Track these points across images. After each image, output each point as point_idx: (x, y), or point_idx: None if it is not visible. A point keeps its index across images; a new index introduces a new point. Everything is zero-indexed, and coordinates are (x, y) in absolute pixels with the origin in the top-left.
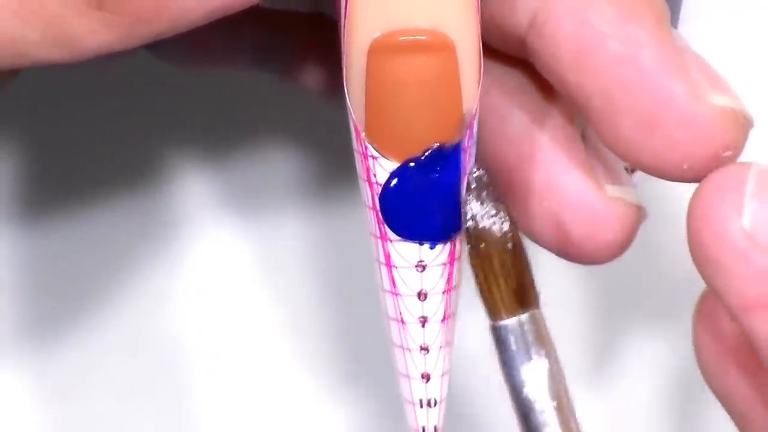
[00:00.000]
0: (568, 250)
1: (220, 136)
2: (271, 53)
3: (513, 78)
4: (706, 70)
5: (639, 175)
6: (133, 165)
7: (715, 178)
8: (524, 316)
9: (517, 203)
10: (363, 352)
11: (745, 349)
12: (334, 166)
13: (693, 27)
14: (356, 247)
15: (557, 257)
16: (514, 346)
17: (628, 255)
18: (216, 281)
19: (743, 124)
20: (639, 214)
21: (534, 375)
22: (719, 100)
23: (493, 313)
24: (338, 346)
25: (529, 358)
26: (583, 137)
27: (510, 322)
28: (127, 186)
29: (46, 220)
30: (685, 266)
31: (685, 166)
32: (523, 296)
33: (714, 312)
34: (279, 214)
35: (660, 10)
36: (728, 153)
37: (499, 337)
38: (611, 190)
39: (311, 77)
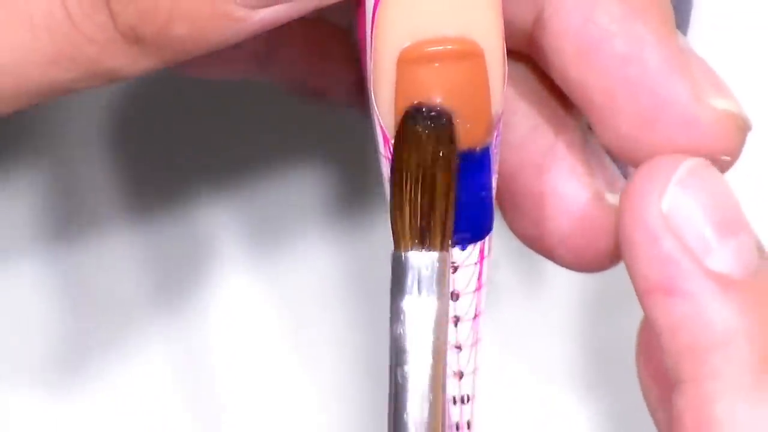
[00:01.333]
0: (565, 258)
1: (244, 162)
2: (271, 60)
3: (515, 83)
4: (709, 73)
5: None
6: (157, 193)
7: (649, 163)
8: (424, 254)
9: (516, 208)
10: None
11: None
12: (354, 189)
13: (703, 33)
14: (378, 270)
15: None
16: (404, 279)
17: None
18: (240, 315)
19: (743, 128)
20: None
21: (413, 313)
22: (721, 104)
23: (395, 239)
24: (358, 367)
25: (413, 294)
26: (585, 145)
27: (406, 254)
28: (150, 215)
29: (71, 246)
30: None
31: None
32: (428, 234)
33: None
34: (302, 238)
35: (666, 10)
36: (726, 158)
37: (393, 266)
38: (611, 198)
39: (314, 84)
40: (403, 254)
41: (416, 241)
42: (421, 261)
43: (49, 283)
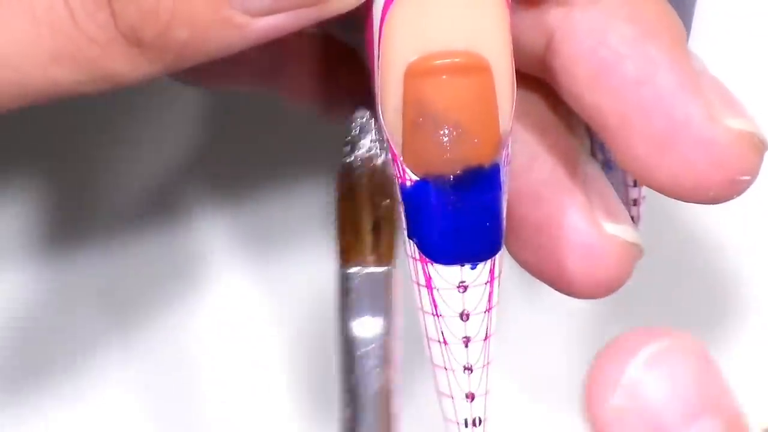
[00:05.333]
0: (564, 286)
1: (243, 169)
2: (276, 73)
3: (517, 110)
4: (723, 93)
5: (645, 188)
6: (156, 200)
7: (611, 346)
8: (375, 269)
9: (515, 236)
10: None
11: None
12: None
13: (702, 47)
14: None
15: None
16: (354, 296)
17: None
18: (236, 319)
19: (759, 148)
20: (636, 252)
21: (366, 331)
22: (736, 124)
23: (343, 256)
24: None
25: (365, 314)
26: (584, 173)
27: (357, 270)
28: (149, 222)
29: (70, 254)
30: (690, 273)
31: (711, 193)
32: (380, 249)
33: None
34: (301, 245)
35: (677, 31)
36: (745, 177)
37: (343, 283)
38: (609, 227)
39: (316, 98)
40: (351, 272)
41: (367, 259)
42: (369, 277)
43: (47, 286)
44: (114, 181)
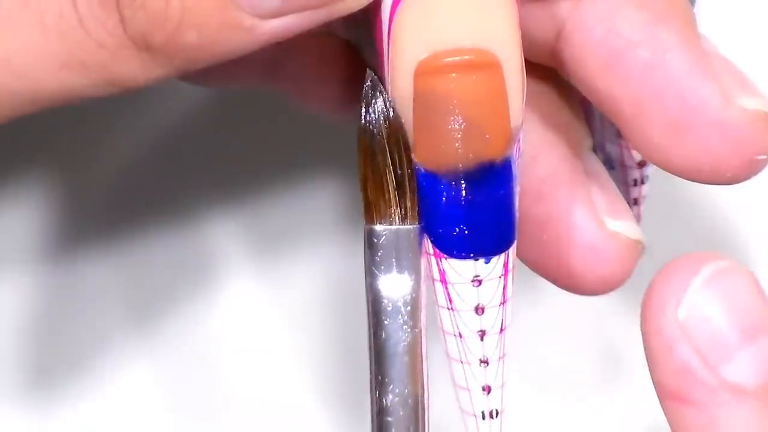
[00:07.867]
0: (566, 282)
1: (250, 171)
2: (280, 71)
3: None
4: (736, 74)
5: (650, 167)
6: (166, 202)
7: (671, 266)
8: (402, 228)
9: (518, 233)
10: None
11: None
12: (358, 197)
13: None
14: None
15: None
16: (381, 254)
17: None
18: (246, 319)
19: None
20: (638, 249)
21: (392, 288)
22: (750, 104)
23: (370, 214)
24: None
25: (392, 271)
26: (586, 169)
27: (382, 228)
28: (158, 223)
29: (79, 257)
30: None
31: (728, 174)
32: (404, 207)
33: None
34: (308, 247)
35: (687, 14)
36: (762, 157)
37: (371, 241)
38: (612, 224)
39: (320, 96)
40: (378, 229)
41: (394, 217)
42: (397, 235)
43: (58, 289)
44: (122, 182)
